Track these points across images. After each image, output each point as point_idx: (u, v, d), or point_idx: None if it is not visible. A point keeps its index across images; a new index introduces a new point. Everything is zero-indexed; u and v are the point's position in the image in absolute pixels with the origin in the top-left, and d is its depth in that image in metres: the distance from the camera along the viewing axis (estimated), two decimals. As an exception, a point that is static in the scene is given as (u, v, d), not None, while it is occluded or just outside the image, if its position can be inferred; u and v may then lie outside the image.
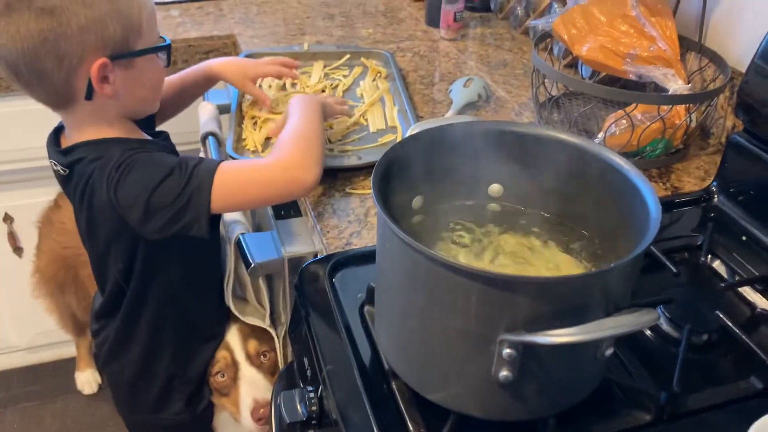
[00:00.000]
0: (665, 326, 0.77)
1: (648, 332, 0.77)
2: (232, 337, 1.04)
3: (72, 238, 1.38)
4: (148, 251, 0.91)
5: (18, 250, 1.65)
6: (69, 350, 1.85)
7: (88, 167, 0.85)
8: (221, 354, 1.04)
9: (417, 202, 0.74)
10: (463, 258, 0.70)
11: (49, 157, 0.91)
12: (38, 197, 1.52)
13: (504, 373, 0.56)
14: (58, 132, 0.92)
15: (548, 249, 0.72)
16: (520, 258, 0.71)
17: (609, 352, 0.59)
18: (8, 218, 1.60)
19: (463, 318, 0.56)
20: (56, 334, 1.73)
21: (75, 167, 0.86)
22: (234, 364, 1.04)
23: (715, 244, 0.88)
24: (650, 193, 0.61)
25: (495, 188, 0.76)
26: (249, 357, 1.05)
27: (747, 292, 0.82)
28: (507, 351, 0.54)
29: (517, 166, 0.72)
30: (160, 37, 0.89)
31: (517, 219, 0.75)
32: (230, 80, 1.15)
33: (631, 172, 0.64)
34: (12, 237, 1.63)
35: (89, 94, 0.81)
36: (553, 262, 0.70)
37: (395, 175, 0.67)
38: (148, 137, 0.93)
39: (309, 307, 0.79)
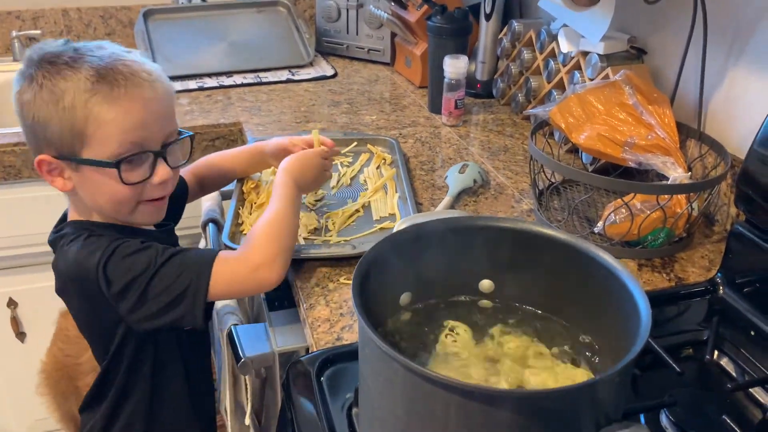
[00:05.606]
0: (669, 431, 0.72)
1: (653, 438, 0.73)
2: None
3: (72, 346, 1.37)
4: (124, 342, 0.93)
5: (20, 335, 1.64)
6: (67, 438, 1.81)
7: (71, 245, 0.86)
8: None
9: (405, 298, 0.72)
10: (460, 363, 0.67)
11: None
12: (42, 282, 1.52)
13: (489, 491, 0.52)
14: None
15: (545, 353, 0.69)
16: (519, 364, 0.67)
17: (603, 467, 0.55)
18: (12, 303, 1.60)
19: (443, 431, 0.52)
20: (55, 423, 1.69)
21: (57, 244, 0.89)
22: None
23: (721, 339, 0.84)
24: (641, 297, 0.58)
25: (486, 284, 0.74)
26: None
27: (758, 392, 0.78)
28: (490, 468, 0.51)
29: (505, 261, 0.70)
30: (139, 153, 0.83)
31: (511, 317, 0.73)
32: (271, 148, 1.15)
33: (622, 273, 0.62)
34: (15, 322, 1.62)
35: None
36: (551, 367, 0.67)
37: (380, 273, 0.65)
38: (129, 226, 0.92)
39: (294, 408, 0.76)
